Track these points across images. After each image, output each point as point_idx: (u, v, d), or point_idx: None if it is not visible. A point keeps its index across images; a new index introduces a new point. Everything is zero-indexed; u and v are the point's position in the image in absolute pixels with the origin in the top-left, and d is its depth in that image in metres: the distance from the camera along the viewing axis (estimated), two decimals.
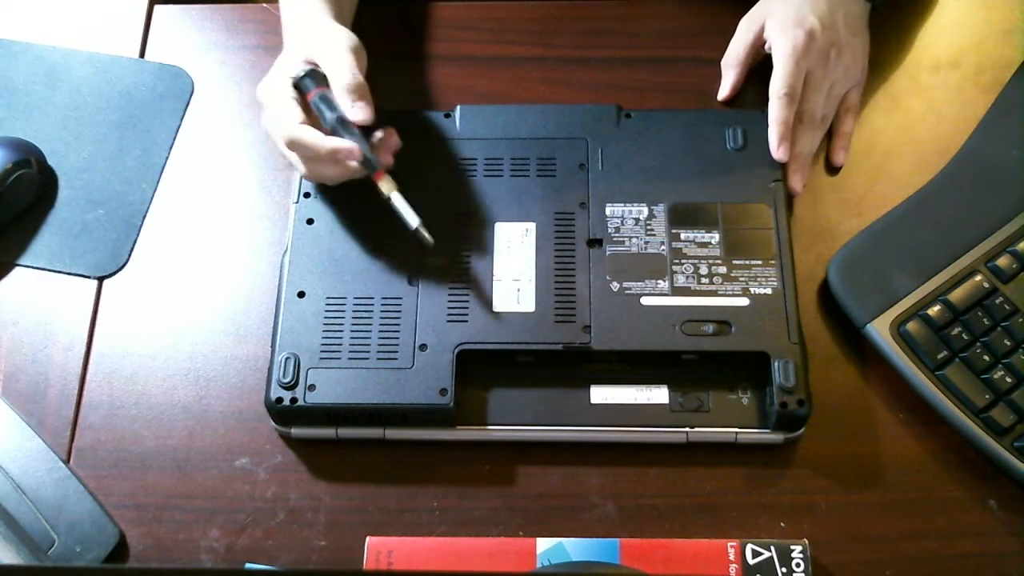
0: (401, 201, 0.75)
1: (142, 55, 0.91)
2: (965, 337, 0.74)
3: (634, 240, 0.77)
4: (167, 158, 0.86)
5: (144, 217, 0.83)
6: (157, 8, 0.93)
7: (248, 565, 0.71)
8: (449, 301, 0.75)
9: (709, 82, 0.88)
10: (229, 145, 0.87)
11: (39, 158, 0.84)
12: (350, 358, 0.73)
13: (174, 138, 0.87)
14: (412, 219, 0.75)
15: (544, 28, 0.92)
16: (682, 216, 0.78)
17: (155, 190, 0.85)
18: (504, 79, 0.82)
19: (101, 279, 0.81)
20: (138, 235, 0.83)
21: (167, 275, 0.81)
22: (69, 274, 0.81)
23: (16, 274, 0.82)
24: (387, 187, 0.75)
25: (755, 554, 0.69)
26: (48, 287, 0.81)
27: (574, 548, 0.69)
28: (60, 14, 0.93)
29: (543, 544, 0.69)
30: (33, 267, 0.82)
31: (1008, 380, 0.73)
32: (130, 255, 0.82)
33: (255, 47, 0.91)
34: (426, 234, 0.75)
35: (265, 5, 0.93)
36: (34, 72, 0.89)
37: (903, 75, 0.88)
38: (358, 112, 0.74)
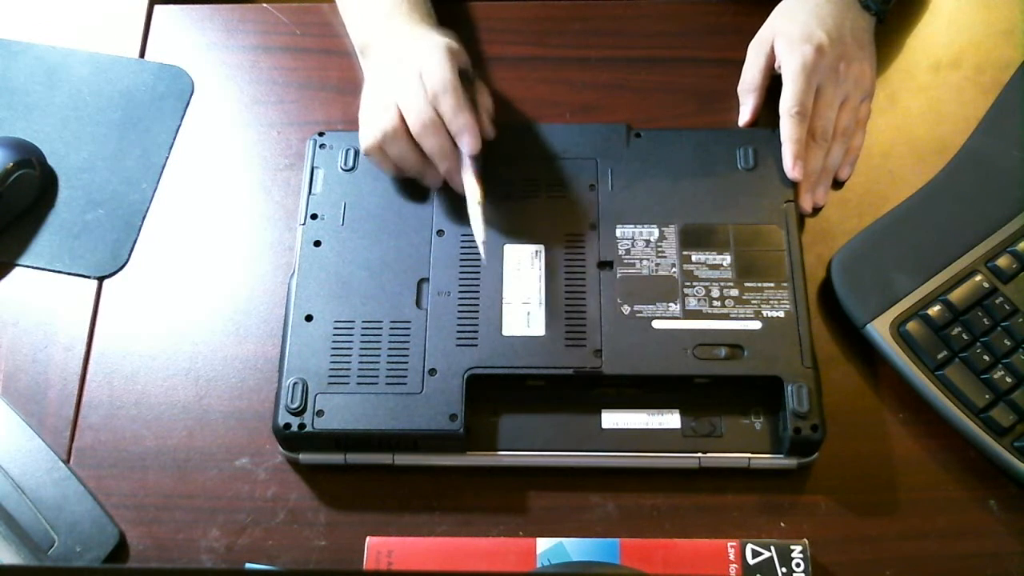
0: (479, 214, 0.76)
1: (142, 55, 0.91)
2: (965, 337, 0.74)
3: (645, 262, 0.77)
4: (167, 158, 0.86)
5: (144, 217, 0.83)
6: (157, 8, 0.93)
7: (248, 565, 0.71)
8: (458, 325, 0.74)
9: (709, 82, 0.88)
10: (229, 145, 0.87)
11: (39, 158, 0.84)
12: (359, 383, 0.73)
13: (174, 138, 0.87)
14: (479, 234, 0.76)
15: (544, 28, 0.92)
16: (693, 238, 0.78)
17: (155, 190, 0.85)
18: (504, 79, 0.82)
19: (101, 279, 0.81)
20: (138, 235, 0.83)
21: (167, 275, 0.81)
22: (69, 274, 0.81)
23: (16, 274, 0.82)
24: (472, 196, 0.76)
25: (755, 554, 0.69)
26: (48, 287, 0.81)
27: (574, 548, 0.69)
28: (60, 14, 0.93)
29: (543, 544, 0.69)
30: (33, 267, 0.82)
31: (1008, 380, 0.73)
32: (130, 255, 0.82)
33: (255, 47, 0.91)
34: (483, 253, 0.75)
35: (265, 5, 0.93)
36: (34, 72, 0.89)
37: (903, 75, 0.88)
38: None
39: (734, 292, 0.75)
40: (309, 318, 0.75)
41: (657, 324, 0.74)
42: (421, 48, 0.78)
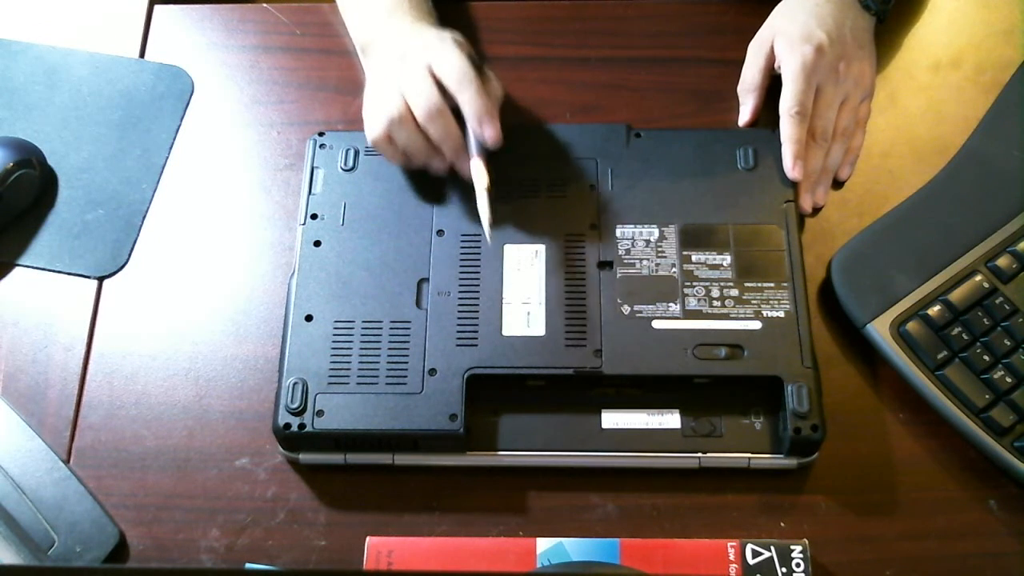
0: (485, 197, 0.76)
1: (142, 55, 0.91)
2: (965, 337, 0.74)
3: (645, 262, 0.77)
4: (167, 158, 0.86)
5: (144, 217, 0.83)
6: (157, 8, 0.93)
7: (248, 565, 0.71)
8: (458, 325, 0.74)
9: (709, 82, 0.88)
10: (229, 145, 0.87)
11: (39, 158, 0.84)
12: (359, 383, 0.73)
13: (174, 138, 0.87)
14: (485, 215, 0.76)
15: (544, 28, 0.92)
16: (693, 238, 0.78)
17: (155, 190, 0.85)
18: (504, 79, 0.82)
19: (101, 279, 0.81)
20: (138, 235, 0.83)
21: (167, 275, 0.81)
22: (69, 274, 0.81)
23: (16, 274, 0.82)
24: (479, 179, 0.76)
25: (755, 554, 0.69)
26: (48, 287, 0.81)
27: (574, 548, 0.69)
28: (60, 14, 0.93)
29: (543, 544, 0.69)
30: (33, 267, 0.82)
31: (1008, 380, 0.73)
32: (130, 255, 0.82)
33: (255, 47, 0.91)
34: (488, 235, 0.76)
35: (265, 5, 0.93)
36: (34, 72, 0.89)
37: (903, 75, 0.88)
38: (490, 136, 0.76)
39: (734, 292, 0.75)
40: (309, 318, 0.75)
41: (657, 324, 0.74)
42: (427, 42, 0.78)
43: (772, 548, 0.69)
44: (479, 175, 0.77)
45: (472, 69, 0.76)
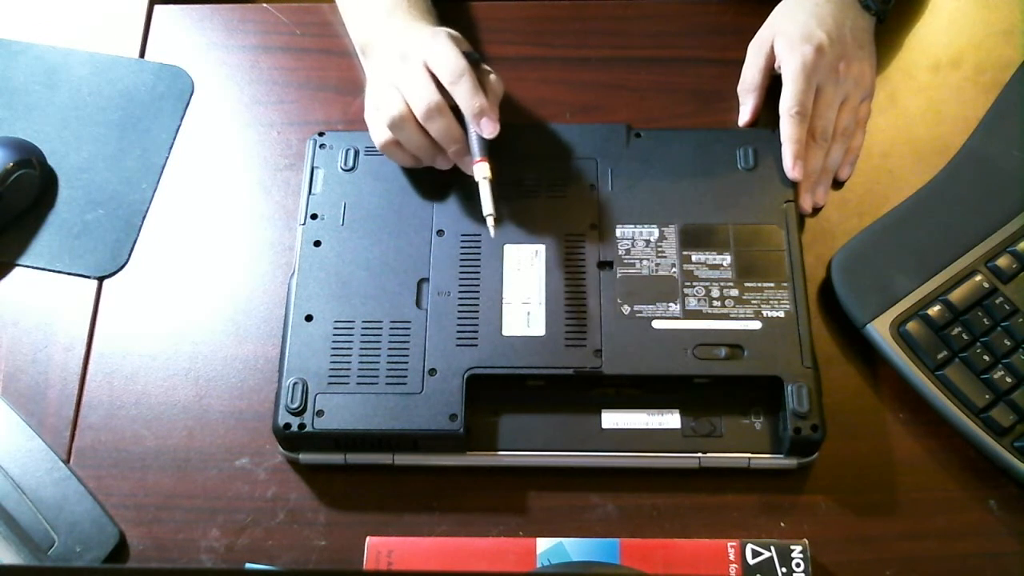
0: (487, 189, 0.76)
1: (142, 55, 0.91)
2: (965, 337, 0.74)
3: (645, 262, 0.77)
4: (167, 158, 0.86)
5: (144, 217, 0.83)
6: (157, 8, 0.93)
7: (248, 565, 0.71)
8: (458, 325, 0.74)
9: (709, 82, 0.88)
10: (229, 145, 0.87)
11: (39, 158, 0.84)
12: (359, 383, 0.73)
13: (174, 138, 0.87)
14: (488, 207, 0.75)
15: (544, 28, 0.92)
16: (693, 238, 0.78)
17: (155, 190, 0.85)
18: (504, 79, 0.82)
19: (101, 279, 0.81)
20: (138, 235, 0.83)
21: (167, 275, 0.81)
22: (69, 274, 0.81)
23: (16, 274, 0.82)
24: (481, 172, 0.76)
25: (755, 554, 0.69)
26: (48, 287, 0.81)
27: (574, 548, 0.69)
28: (60, 14, 0.93)
29: (543, 544, 0.69)
30: (33, 267, 0.82)
31: (1008, 380, 0.73)
32: (130, 255, 0.82)
33: (255, 47, 0.91)
34: (491, 227, 0.75)
35: (265, 5, 0.93)
36: (34, 72, 0.89)
37: (903, 75, 0.88)
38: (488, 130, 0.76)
39: (734, 292, 0.75)
40: (309, 318, 0.75)
41: (657, 324, 0.74)
42: (423, 39, 0.78)
43: (772, 548, 0.69)
44: (480, 167, 0.77)
45: (466, 63, 0.76)
